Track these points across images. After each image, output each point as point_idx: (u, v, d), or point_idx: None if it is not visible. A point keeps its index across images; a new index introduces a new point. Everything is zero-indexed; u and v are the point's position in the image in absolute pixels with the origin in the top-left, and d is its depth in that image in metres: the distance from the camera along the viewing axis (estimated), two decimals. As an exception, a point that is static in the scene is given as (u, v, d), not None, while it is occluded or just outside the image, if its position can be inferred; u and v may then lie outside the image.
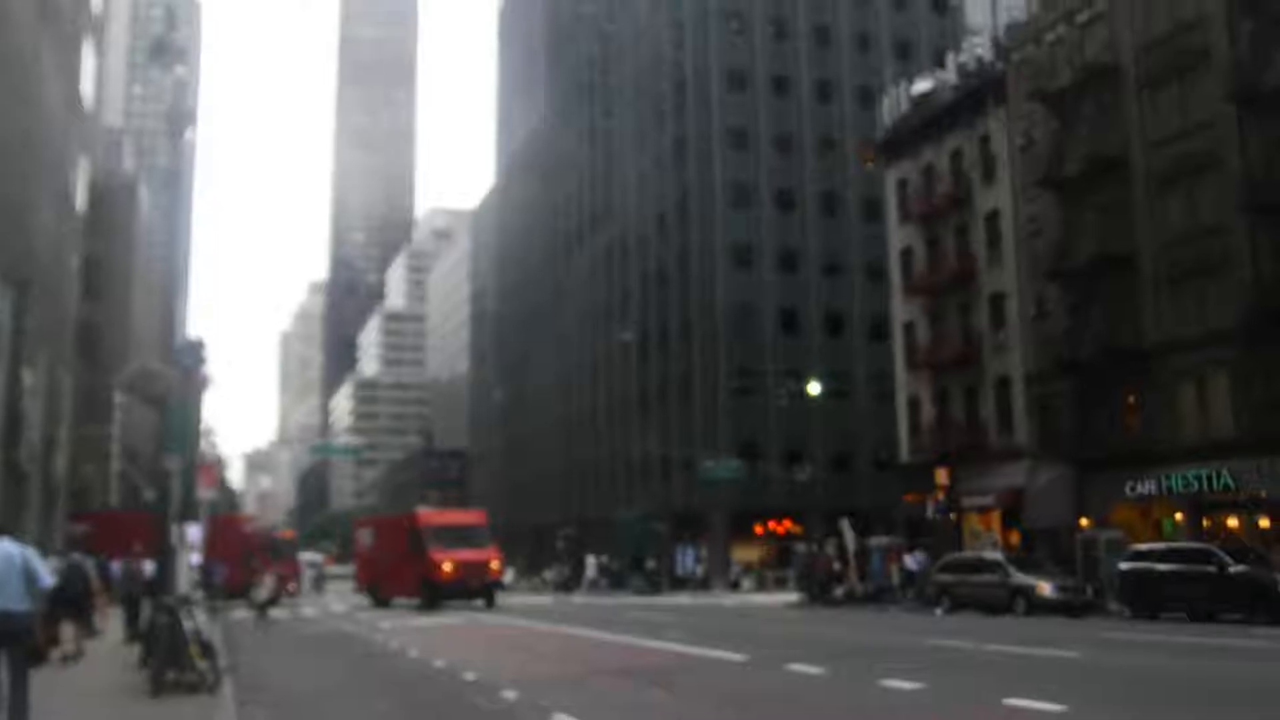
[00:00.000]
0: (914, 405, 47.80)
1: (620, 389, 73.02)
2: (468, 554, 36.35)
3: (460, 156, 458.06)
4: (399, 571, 38.64)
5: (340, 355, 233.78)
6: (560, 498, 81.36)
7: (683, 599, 45.40)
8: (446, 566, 35.71)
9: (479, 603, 36.36)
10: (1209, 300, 34.69)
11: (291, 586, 53.50)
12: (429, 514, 40.51)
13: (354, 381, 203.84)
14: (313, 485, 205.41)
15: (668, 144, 67.37)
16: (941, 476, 41.42)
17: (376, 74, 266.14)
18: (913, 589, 37.03)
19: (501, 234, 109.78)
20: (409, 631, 25.51)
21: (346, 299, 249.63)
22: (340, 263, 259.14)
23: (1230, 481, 32.99)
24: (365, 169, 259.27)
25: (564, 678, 15.44)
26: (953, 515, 41.79)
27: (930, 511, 41.40)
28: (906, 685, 12.87)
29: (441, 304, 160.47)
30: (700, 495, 58.48)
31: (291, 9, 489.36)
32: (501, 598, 39.20)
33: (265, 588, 39.77)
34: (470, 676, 15.10)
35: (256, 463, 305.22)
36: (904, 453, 48.39)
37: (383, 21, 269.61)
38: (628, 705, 12.74)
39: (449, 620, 30.17)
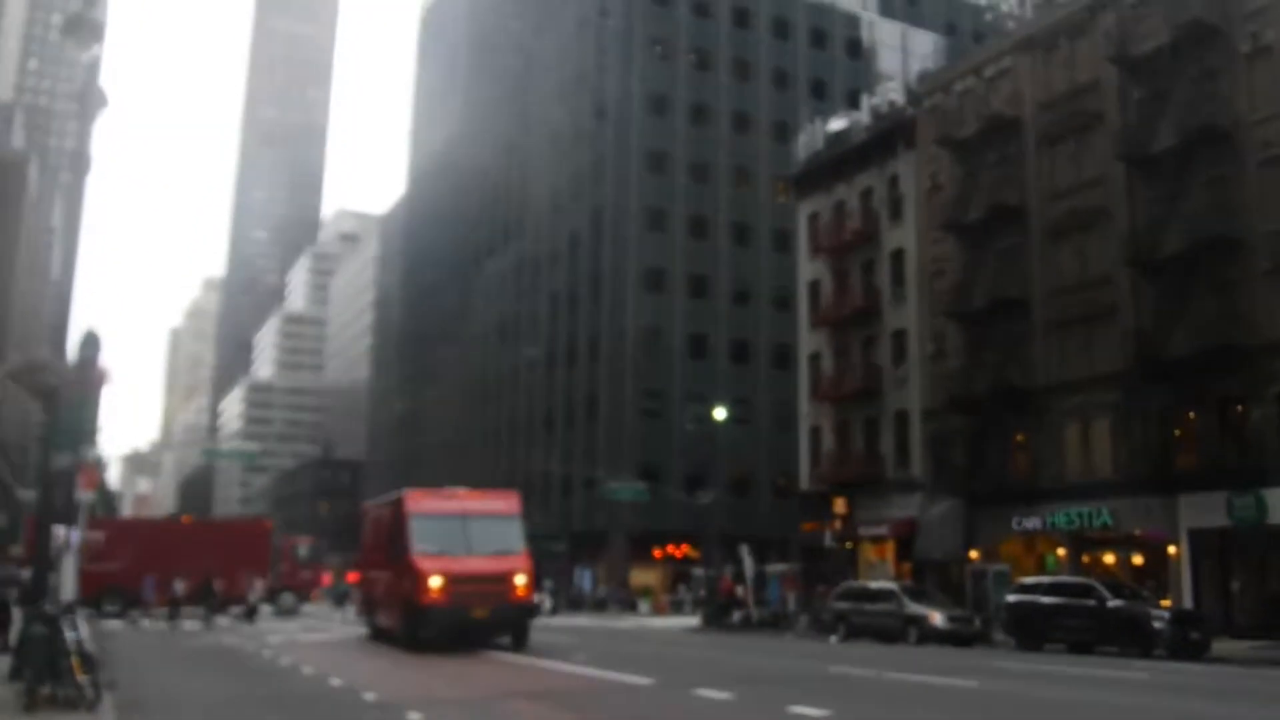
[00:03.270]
0: (815, 435, 49.17)
1: (525, 406, 73.34)
2: (475, 563, 23.82)
3: (372, 160, 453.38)
4: (386, 587, 26.86)
5: (234, 355, 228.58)
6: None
7: (581, 620, 45.90)
8: (433, 582, 23.03)
9: (504, 641, 24.52)
10: (1094, 346, 36.62)
11: (316, 593, 53.42)
12: (418, 495, 26.16)
13: (247, 384, 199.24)
14: (195, 491, 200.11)
15: (585, 163, 68.14)
16: (840, 506, 42.75)
17: (290, 68, 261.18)
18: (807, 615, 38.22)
19: (410, 241, 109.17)
20: (302, 648, 25.56)
21: (244, 297, 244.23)
22: (240, 260, 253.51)
23: (1109, 519, 34.85)
24: (272, 165, 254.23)
25: (471, 700, 15.58)
26: (849, 544, 43.13)
27: (827, 540, 42.67)
28: (814, 712, 13.43)
29: (344, 309, 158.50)
30: (601, 516, 59.14)
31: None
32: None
33: (255, 591, 39.80)
34: (370, 697, 15.11)
35: (136, 464, 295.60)
36: (804, 481, 49.70)
37: (300, 15, 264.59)
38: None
39: (347, 634, 30.27)
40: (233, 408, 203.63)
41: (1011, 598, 29.95)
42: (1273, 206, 31.47)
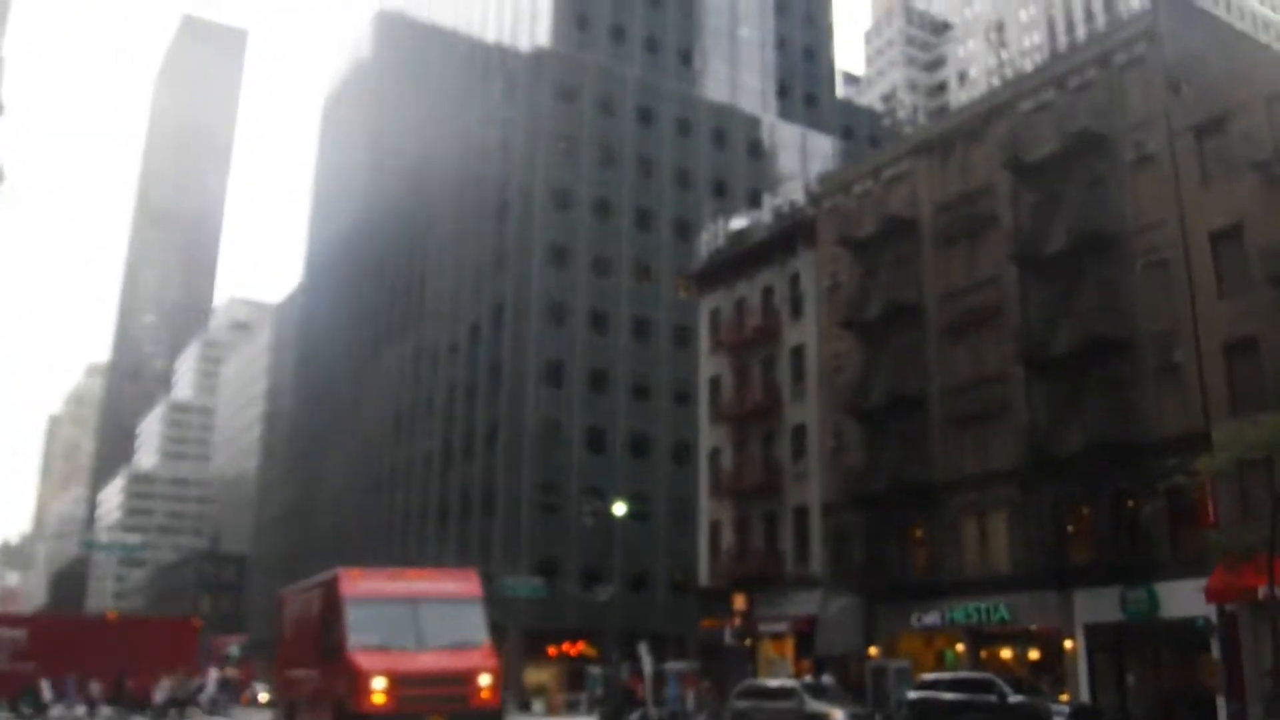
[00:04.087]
0: (714, 530, 48.81)
1: (419, 499, 71.76)
2: (429, 659, 19.65)
3: (267, 248, 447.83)
4: (312, 689, 21.95)
5: (116, 444, 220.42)
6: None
7: None
8: (376, 684, 18.61)
9: None
10: (990, 443, 37.20)
11: (246, 696, 50.75)
12: (355, 576, 21.45)
13: (129, 473, 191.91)
14: (69, 585, 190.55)
15: (487, 255, 67.99)
16: (739, 602, 42.26)
17: (187, 150, 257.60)
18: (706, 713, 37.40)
19: (305, 330, 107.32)
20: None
21: (129, 384, 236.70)
22: (126, 344, 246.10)
23: (1006, 614, 35.02)
24: (164, 248, 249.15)
25: None
26: (748, 641, 42.57)
27: (727, 637, 42.06)
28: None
29: (234, 398, 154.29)
30: (496, 612, 57.46)
31: (104, 65, 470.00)
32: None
33: (162, 689, 38.05)
34: None
35: (6, 557, 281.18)
36: (702, 577, 49.16)
37: (201, 96, 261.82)
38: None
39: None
40: (112, 498, 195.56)
41: (913, 695, 29.72)
42: (1158, 308, 32.62)
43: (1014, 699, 26.76)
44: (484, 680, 19.53)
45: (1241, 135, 30.91)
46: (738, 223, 52.55)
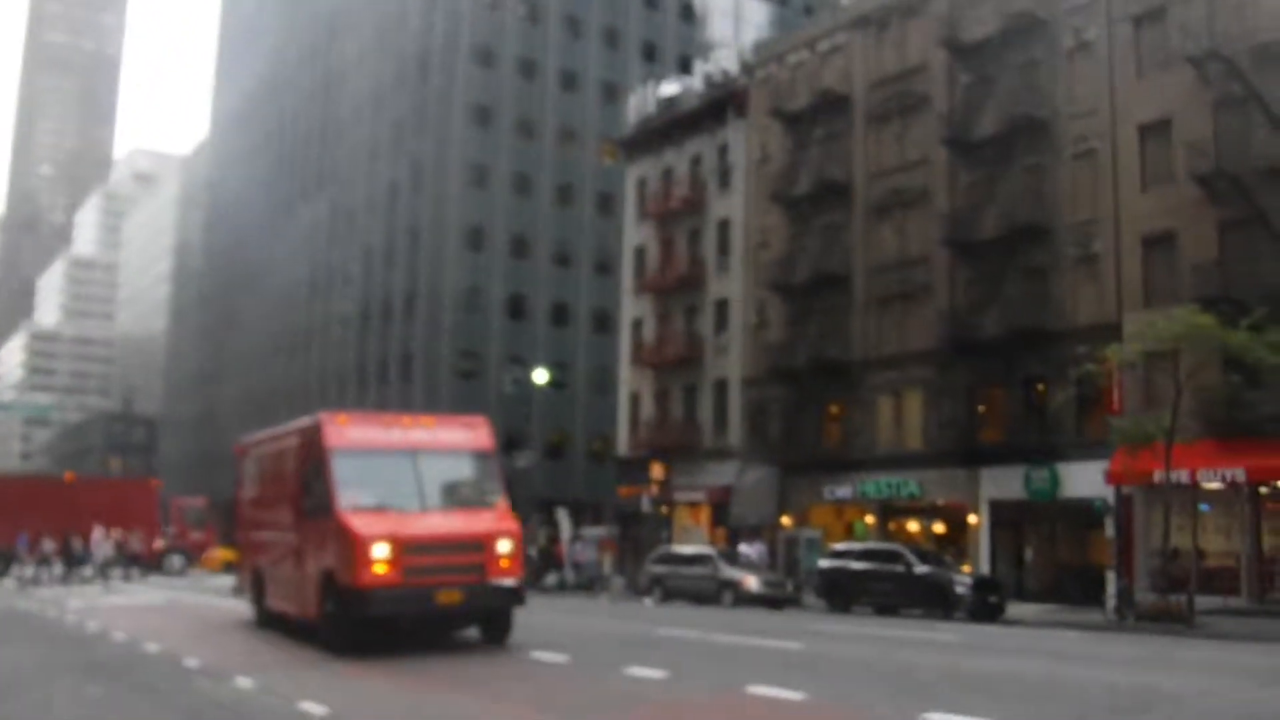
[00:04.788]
0: (634, 401, 49.28)
1: (336, 362, 70.96)
2: (438, 522, 16.31)
3: (170, 97, 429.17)
4: (287, 556, 18.25)
5: (14, 300, 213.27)
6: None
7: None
8: (378, 552, 15.16)
9: (471, 636, 17.30)
10: (910, 323, 37.83)
11: (209, 557, 50.13)
12: (342, 421, 17.44)
13: (29, 331, 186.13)
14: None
15: (406, 112, 66.02)
16: (657, 471, 42.96)
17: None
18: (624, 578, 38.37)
19: (214, 185, 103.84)
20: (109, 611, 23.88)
21: (26, 238, 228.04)
22: (21, 196, 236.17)
23: (915, 489, 36.21)
24: (59, 95, 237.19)
25: (300, 663, 15.00)
26: (665, 509, 43.47)
27: (644, 505, 42.87)
28: (652, 674, 13.34)
29: (139, 254, 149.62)
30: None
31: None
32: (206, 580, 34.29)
33: (102, 550, 37.44)
34: (193, 663, 14.33)
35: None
36: (621, 446, 49.79)
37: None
38: (376, 694, 12.48)
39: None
40: (12, 356, 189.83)
41: (825, 563, 30.72)
42: (1083, 198, 33.08)
43: (919, 569, 27.83)
44: (503, 547, 15.93)
45: (1179, 27, 30.97)
46: (668, 88, 51.65)
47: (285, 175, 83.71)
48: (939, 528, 36.89)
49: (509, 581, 15.94)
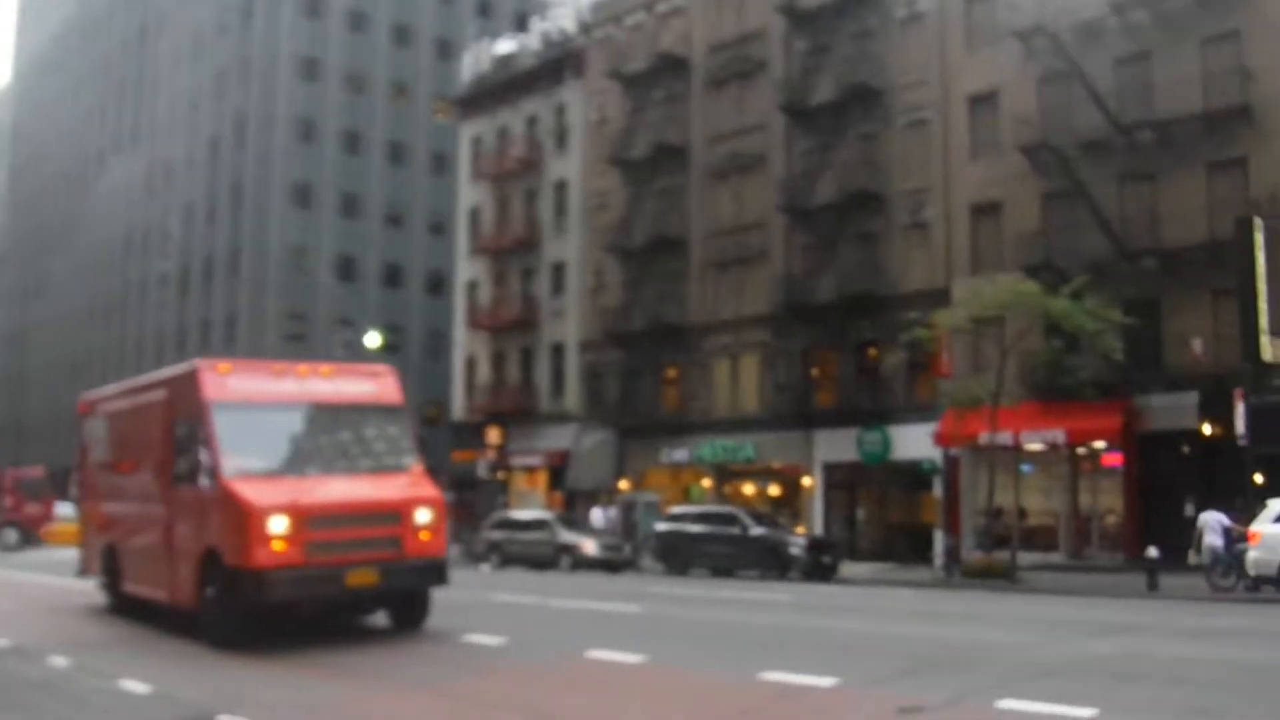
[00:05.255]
0: (470, 364, 48.40)
1: (155, 324, 67.34)
2: (343, 487, 13.91)
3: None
4: (151, 531, 15.34)
5: None
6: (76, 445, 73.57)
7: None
8: (275, 526, 12.70)
9: (379, 621, 15.03)
10: (747, 288, 38.15)
11: (49, 530, 45.49)
12: (223, 371, 14.50)
13: None
14: None
15: (229, 63, 62.77)
16: (493, 436, 42.36)
17: None
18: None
19: (16, 137, 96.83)
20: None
21: None
22: None
23: (751, 452, 36.66)
24: None
25: (121, 641, 14.26)
26: (501, 475, 42.89)
27: (481, 470, 42.21)
28: (490, 640, 13.07)
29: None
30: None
31: None
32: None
33: None
34: (3, 643, 13.38)
35: None
36: (456, 411, 48.87)
37: None
38: (203, 666, 11.88)
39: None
40: None
41: (662, 526, 30.76)
42: (914, 166, 33.85)
43: (755, 531, 28.15)
44: (422, 516, 13.57)
45: (1006, 3, 31.86)
46: (504, 46, 50.64)
47: (97, 126, 78.66)
48: (775, 490, 37.49)
49: (431, 557, 13.66)
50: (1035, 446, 29.98)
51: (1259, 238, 24.61)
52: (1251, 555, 19.85)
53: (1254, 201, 26.61)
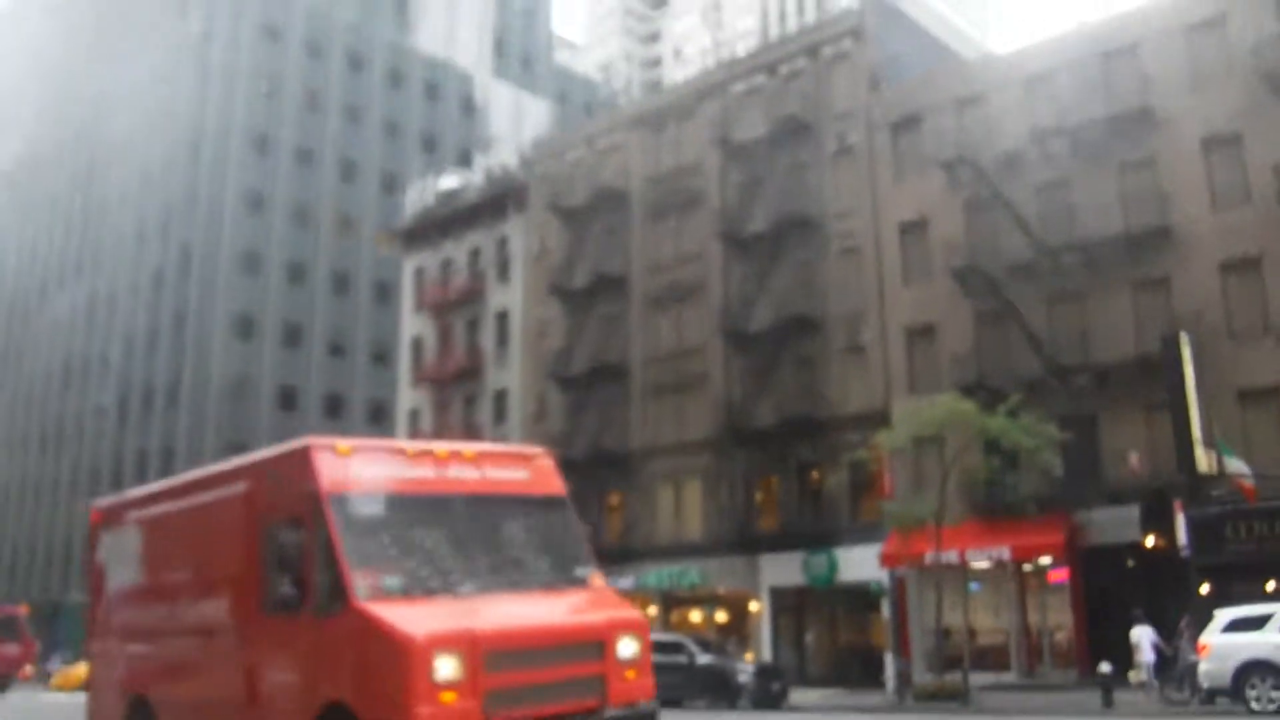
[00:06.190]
0: (412, 493, 47.66)
1: (90, 458, 66.01)
2: (522, 610, 10.30)
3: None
4: (220, 677, 11.59)
5: None
6: (21, 574, 70.96)
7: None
8: (444, 669, 9.14)
9: None
10: (688, 413, 38.32)
11: (25, 672, 42.79)
12: (345, 452, 10.76)
13: None
14: None
15: (176, 196, 63.09)
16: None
17: None
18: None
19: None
20: None
21: None
22: None
23: (696, 578, 36.27)
24: None
25: None
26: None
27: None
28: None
29: None
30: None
31: None
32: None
33: None
34: None
35: None
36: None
37: None
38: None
39: None
40: None
41: (608, 656, 30.05)
42: (849, 291, 34.58)
43: (702, 659, 27.61)
44: (626, 649, 10.24)
45: (932, 135, 33.14)
46: (448, 181, 51.47)
47: (40, 259, 78.26)
48: (721, 616, 37.00)
49: (642, 704, 10.24)
50: (981, 564, 30.01)
51: (1186, 352, 25.30)
52: (1203, 667, 19.85)
53: (1179, 318, 27.43)
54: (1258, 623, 19.54)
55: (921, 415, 27.64)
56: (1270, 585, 24.76)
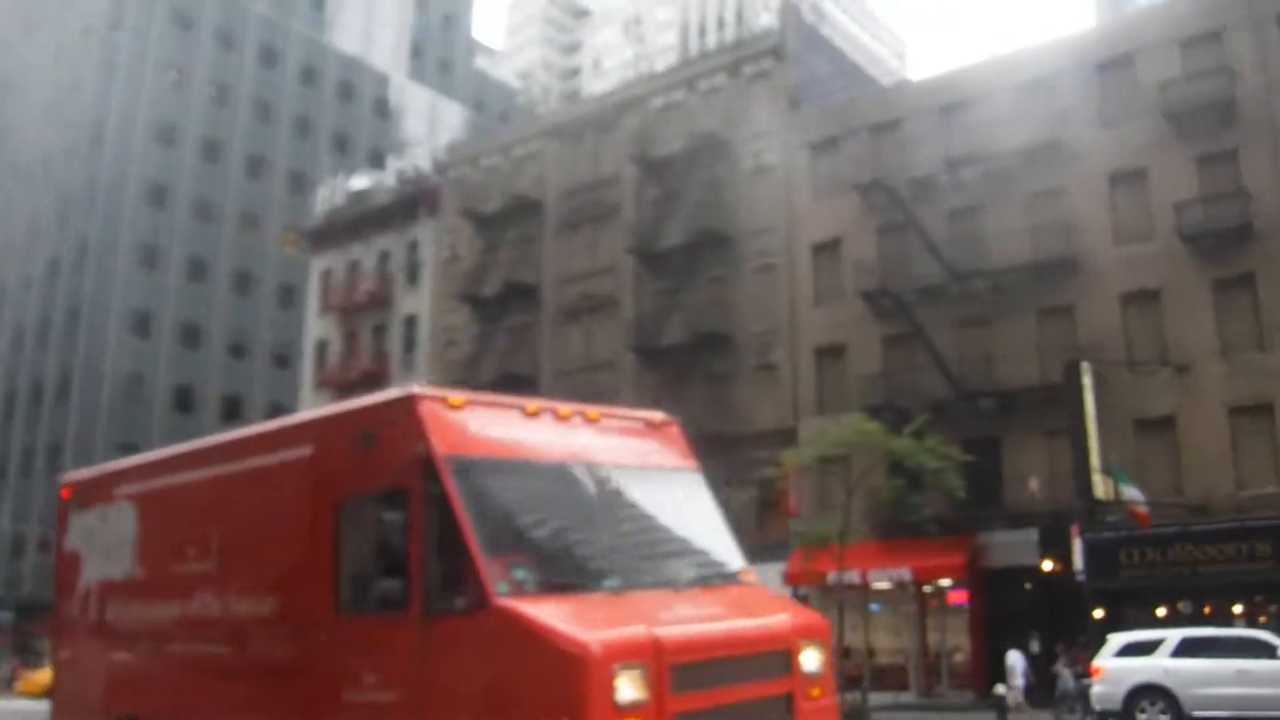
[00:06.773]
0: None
1: (-31, 451, 63.18)
2: (692, 610, 8.18)
3: None
4: (264, 694, 9.43)
5: None
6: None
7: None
8: (625, 690, 7.16)
9: None
10: (598, 426, 37.94)
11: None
12: (457, 403, 8.56)
13: None
14: None
15: (75, 186, 60.89)
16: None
17: None
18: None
19: None
20: None
21: None
22: None
23: (600, 594, 35.86)
24: None
25: None
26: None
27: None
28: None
29: None
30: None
31: None
32: None
33: None
34: None
35: None
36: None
37: None
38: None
39: None
40: None
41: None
42: (762, 309, 34.69)
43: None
44: (810, 661, 8.49)
45: (848, 158, 33.45)
46: (358, 182, 50.53)
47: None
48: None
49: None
50: (883, 585, 30.21)
51: (1087, 380, 25.82)
52: (1096, 690, 20.14)
53: (1082, 346, 28.01)
54: (1149, 647, 19.89)
55: (828, 434, 27.72)
56: (1161, 610, 25.34)
